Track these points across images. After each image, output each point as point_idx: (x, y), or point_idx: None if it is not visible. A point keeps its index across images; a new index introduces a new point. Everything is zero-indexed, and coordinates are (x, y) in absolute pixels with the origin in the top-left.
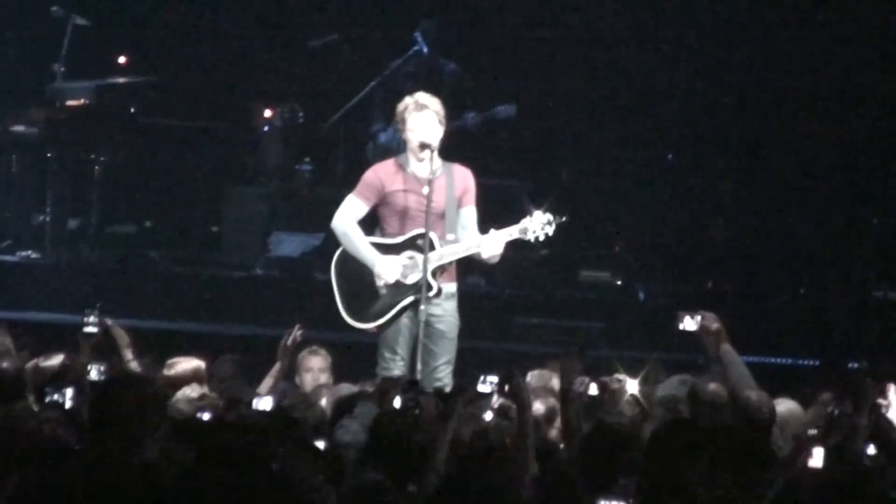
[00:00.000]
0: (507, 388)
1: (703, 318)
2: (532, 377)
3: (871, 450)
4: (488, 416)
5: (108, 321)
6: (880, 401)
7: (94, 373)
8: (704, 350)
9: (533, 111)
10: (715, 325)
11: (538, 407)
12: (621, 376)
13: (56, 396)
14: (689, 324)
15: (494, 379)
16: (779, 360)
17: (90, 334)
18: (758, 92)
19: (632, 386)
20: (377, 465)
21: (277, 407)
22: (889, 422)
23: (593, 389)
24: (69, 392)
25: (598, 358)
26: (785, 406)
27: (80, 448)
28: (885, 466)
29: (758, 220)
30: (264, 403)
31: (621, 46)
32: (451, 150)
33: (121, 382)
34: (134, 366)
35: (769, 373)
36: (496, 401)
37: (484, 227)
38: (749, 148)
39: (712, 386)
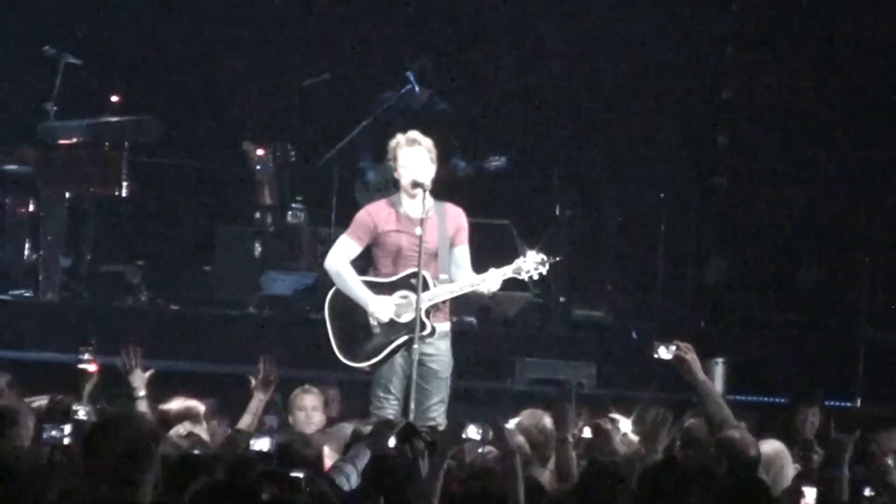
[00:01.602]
0: (491, 434)
1: (677, 348)
2: (524, 416)
3: (868, 492)
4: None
5: (124, 359)
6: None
7: (82, 412)
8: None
9: (525, 153)
10: (690, 355)
11: (528, 447)
12: (614, 416)
13: (54, 433)
14: (664, 353)
15: (476, 429)
16: (773, 400)
17: (85, 371)
18: (746, 132)
19: (625, 425)
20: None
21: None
22: (888, 466)
23: (587, 432)
24: (67, 429)
25: (591, 397)
26: (771, 447)
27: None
28: None
29: (750, 258)
30: (262, 444)
31: (614, 88)
32: (442, 189)
33: (110, 422)
34: (143, 406)
35: (764, 411)
36: (483, 448)
37: (476, 266)
38: (740, 187)
39: (696, 423)
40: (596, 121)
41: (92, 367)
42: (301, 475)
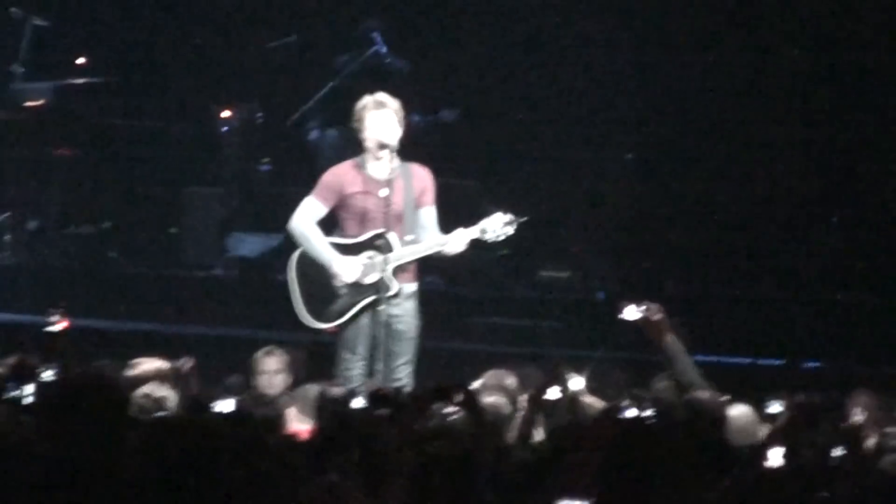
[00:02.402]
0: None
1: (646, 309)
2: (487, 377)
3: (839, 451)
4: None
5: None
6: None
7: (47, 373)
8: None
9: (489, 112)
10: (657, 316)
11: (493, 405)
12: (567, 372)
13: (14, 393)
14: (631, 312)
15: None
16: (739, 360)
17: (54, 333)
18: (719, 91)
19: (577, 383)
20: (336, 466)
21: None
22: (858, 426)
23: (553, 394)
24: (28, 389)
25: (553, 357)
26: (738, 410)
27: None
28: (851, 469)
29: (719, 219)
30: (225, 406)
31: (579, 45)
32: (405, 150)
33: (76, 383)
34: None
35: (729, 372)
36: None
37: (442, 227)
38: (710, 148)
39: (665, 384)
40: (563, 77)
41: (62, 326)
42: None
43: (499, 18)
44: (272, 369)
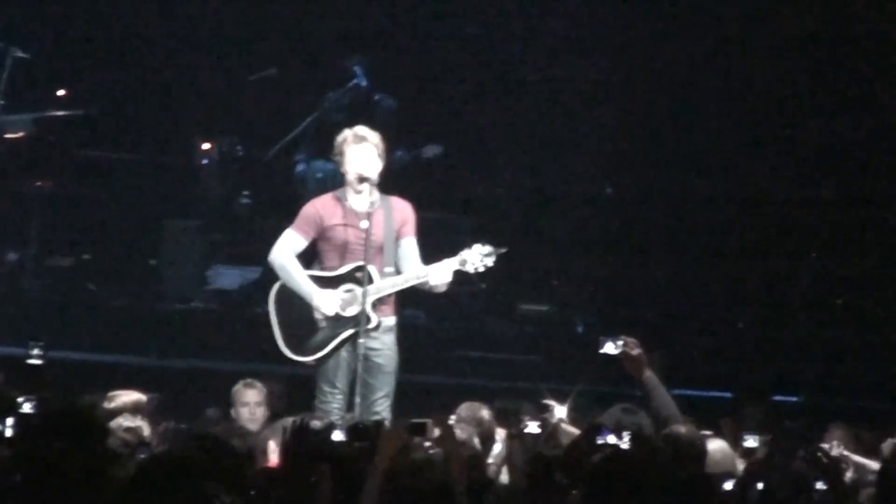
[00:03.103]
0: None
1: (624, 344)
2: (462, 409)
3: (821, 485)
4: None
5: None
6: (826, 445)
7: (28, 406)
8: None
9: (470, 147)
10: (636, 351)
11: (475, 441)
12: (550, 402)
13: None
14: (611, 348)
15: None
16: (719, 394)
17: (35, 367)
18: (697, 125)
19: (560, 412)
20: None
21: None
22: (837, 459)
23: (533, 427)
24: (9, 421)
25: (531, 390)
26: (715, 445)
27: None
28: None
29: (697, 252)
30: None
31: (559, 81)
32: (386, 184)
33: (56, 415)
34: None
35: (708, 406)
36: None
37: (423, 261)
38: (689, 181)
39: (643, 419)
40: (542, 112)
41: (39, 362)
42: None
43: (478, 55)
44: (253, 401)
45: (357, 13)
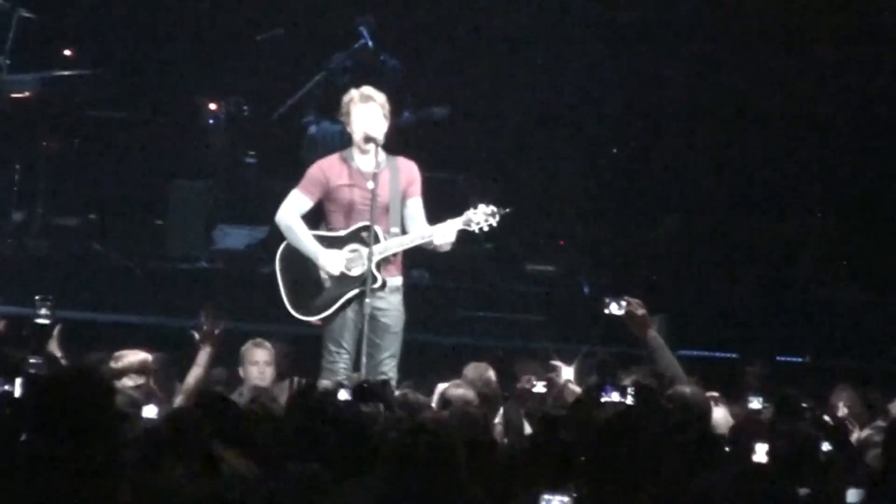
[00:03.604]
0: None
1: (628, 304)
2: (468, 370)
3: (826, 447)
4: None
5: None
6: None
7: (33, 365)
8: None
9: (477, 105)
10: (640, 311)
11: (477, 401)
12: (556, 363)
13: (6, 387)
14: (615, 309)
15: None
16: (723, 355)
17: (42, 325)
18: (707, 84)
19: (567, 373)
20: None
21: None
22: (843, 420)
23: (539, 387)
24: (17, 381)
25: (538, 350)
26: (718, 413)
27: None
28: (838, 463)
29: (705, 214)
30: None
31: (567, 42)
32: (392, 145)
33: (63, 375)
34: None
35: (713, 366)
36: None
37: (428, 219)
38: (696, 141)
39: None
40: (549, 74)
41: (47, 321)
42: None
43: (487, 15)
44: (262, 360)
45: None
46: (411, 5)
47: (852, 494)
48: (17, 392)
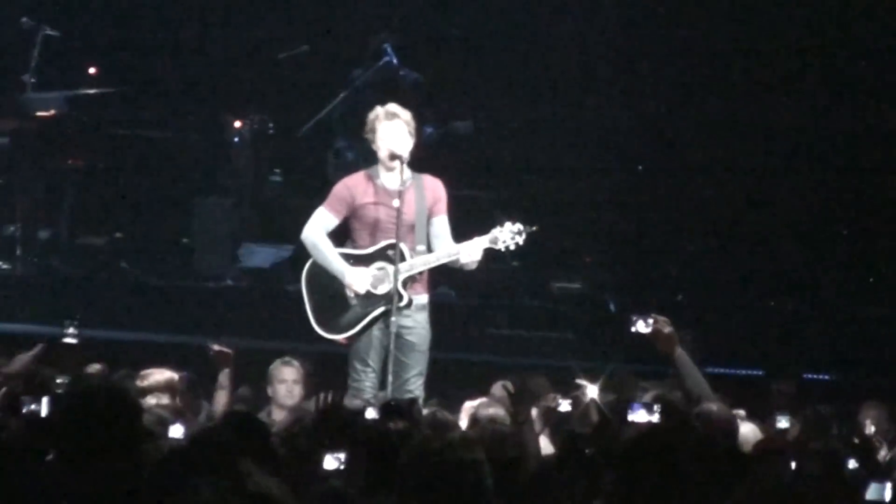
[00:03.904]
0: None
1: (655, 322)
2: (496, 388)
3: (853, 464)
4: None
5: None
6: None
7: (60, 385)
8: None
9: (502, 122)
10: (667, 329)
11: (504, 417)
12: (582, 381)
13: (33, 406)
14: (642, 327)
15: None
16: (750, 372)
17: (70, 345)
18: (731, 103)
19: (592, 391)
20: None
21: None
22: (870, 438)
23: (565, 405)
24: (45, 401)
25: (562, 368)
26: (746, 428)
27: (52, 458)
28: (865, 479)
29: (730, 232)
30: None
31: (593, 57)
32: (418, 162)
33: (90, 394)
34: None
35: (739, 384)
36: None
37: (454, 237)
38: (724, 159)
39: (675, 394)
40: (576, 89)
41: (74, 341)
42: None
43: (511, 31)
44: (291, 379)
45: None
46: (434, 19)
47: (872, 490)
48: (44, 411)
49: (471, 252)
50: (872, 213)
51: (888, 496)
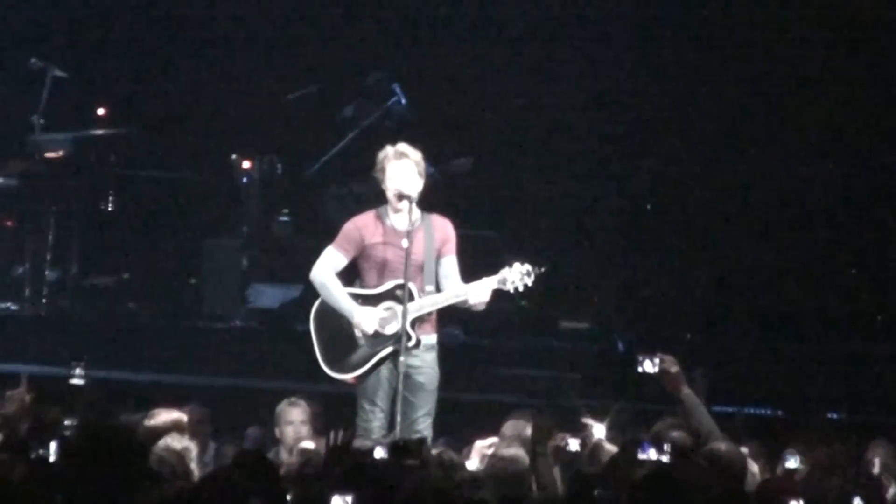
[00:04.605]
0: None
1: (662, 361)
2: (507, 427)
3: (859, 503)
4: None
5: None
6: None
7: (68, 427)
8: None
9: (509, 162)
10: (674, 368)
11: (514, 456)
12: (589, 421)
13: (40, 451)
14: (649, 366)
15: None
16: (758, 411)
17: (78, 387)
18: (739, 142)
19: (599, 430)
20: None
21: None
22: (878, 476)
23: (574, 445)
24: (53, 446)
25: (572, 408)
26: (753, 469)
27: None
28: None
29: (738, 271)
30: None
31: (596, 95)
32: (427, 200)
33: (96, 436)
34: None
35: (748, 423)
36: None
37: (462, 276)
38: (730, 199)
39: (677, 433)
40: (582, 128)
41: (82, 382)
42: None
43: (514, 66)
44: (298, 419)
45: (390, 27)
46: (438, 57)
47: None
48: (52, 457)
49: (479, 293)
50: (880, 253)
51: None
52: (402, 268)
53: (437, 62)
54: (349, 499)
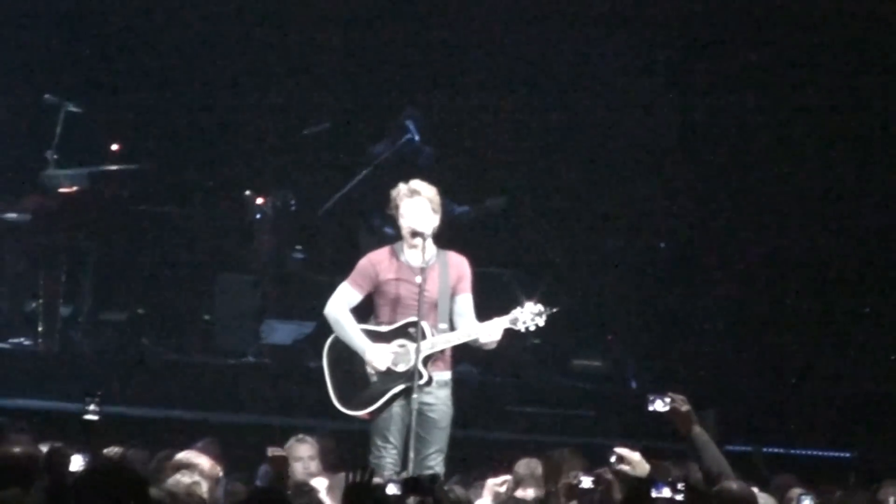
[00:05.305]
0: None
1: (672, 400)
2: (519, 466)
3: None
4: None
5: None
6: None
7: (76, 462)
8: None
9: (522, 201)
10: (684, 407)
11: (526, 495)
12: (621, 451)
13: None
14: (660, 406)
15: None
16: (773, 450)
17: (92, 422)
18: (752, 185)
19: (635, 457)
20: None
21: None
22: None
23: (587, 482)
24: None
25: (586, 445)
26: (762, 500)
27: None
28: None
29: (751, 310)
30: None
31: (612, 137)
32: (442, 236)
33: (100, 472)
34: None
35: (766, 461)
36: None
37: (476, 314)
38: (742, 239)
39: (695, 475)
40: (597, 167)
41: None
42: None
43: (531, 109)
44: (306, 455)
45: (411, 65)
46: (460, 95)
47: None
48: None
49: (490, 332)
50: (892, 291)
51: None
52: (415, 304)
53: (461, 102)
54: None
